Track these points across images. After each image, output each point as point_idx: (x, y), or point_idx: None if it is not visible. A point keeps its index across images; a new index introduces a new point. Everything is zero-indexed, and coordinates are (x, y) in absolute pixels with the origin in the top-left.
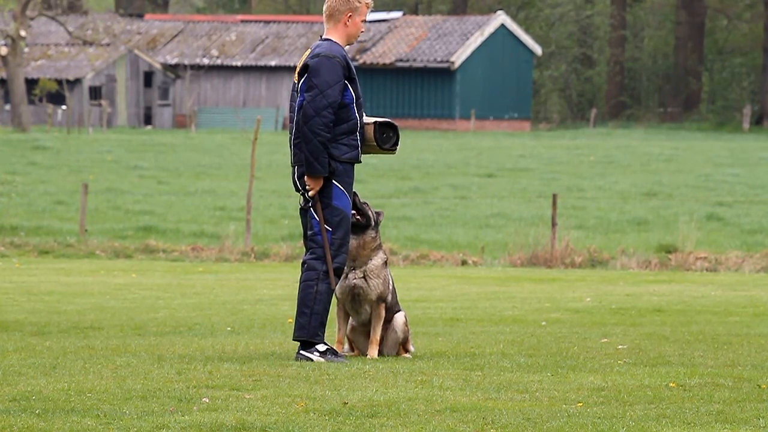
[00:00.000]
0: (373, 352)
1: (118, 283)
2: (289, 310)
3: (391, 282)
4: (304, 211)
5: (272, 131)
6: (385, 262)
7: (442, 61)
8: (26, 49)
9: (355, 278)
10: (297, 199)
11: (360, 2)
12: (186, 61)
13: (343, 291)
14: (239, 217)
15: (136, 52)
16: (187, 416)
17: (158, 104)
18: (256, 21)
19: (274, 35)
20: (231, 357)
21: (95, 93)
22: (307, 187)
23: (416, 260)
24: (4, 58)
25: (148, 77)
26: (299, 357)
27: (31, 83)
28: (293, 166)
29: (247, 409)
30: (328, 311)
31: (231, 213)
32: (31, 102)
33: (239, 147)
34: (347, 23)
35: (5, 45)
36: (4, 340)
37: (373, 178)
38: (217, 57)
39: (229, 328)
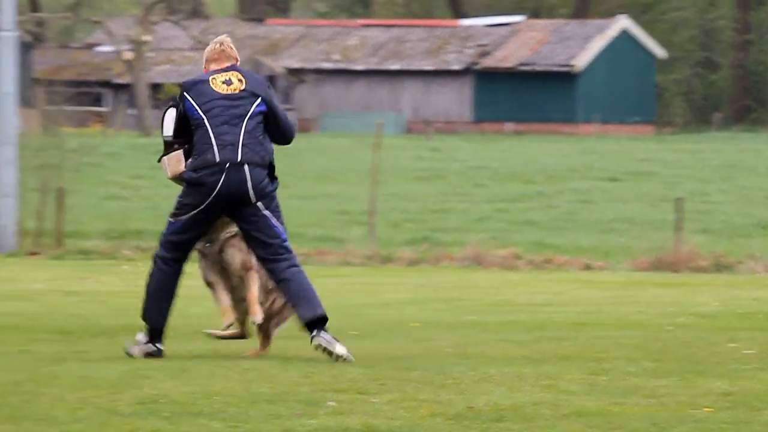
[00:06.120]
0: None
1: None
2: (413, 313)
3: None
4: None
5: (394, 135)
6: (236, 233)
7: (563, 65)
8: (151, 54)
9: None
10: (418, 204)
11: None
12: (308, 66)
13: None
14: (362, 221)
15: (258, 56)
16: (313, 420)
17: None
18: (377, 25)
19: (396, 39)
20: (356, 361)
21: None
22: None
23: (540, 264)
24: (128, 62)
25: (271, 81)
26: (321, 338)
27: (155, 88)
28: (248, 166)
29: (372, 412)
30: None
31: (354, 217)
32: (155, 106)
33: (361, 151)
34: None
35: (130, 50)
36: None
37: (495, 183)
38: (339, 61)
39: (354, 333)
